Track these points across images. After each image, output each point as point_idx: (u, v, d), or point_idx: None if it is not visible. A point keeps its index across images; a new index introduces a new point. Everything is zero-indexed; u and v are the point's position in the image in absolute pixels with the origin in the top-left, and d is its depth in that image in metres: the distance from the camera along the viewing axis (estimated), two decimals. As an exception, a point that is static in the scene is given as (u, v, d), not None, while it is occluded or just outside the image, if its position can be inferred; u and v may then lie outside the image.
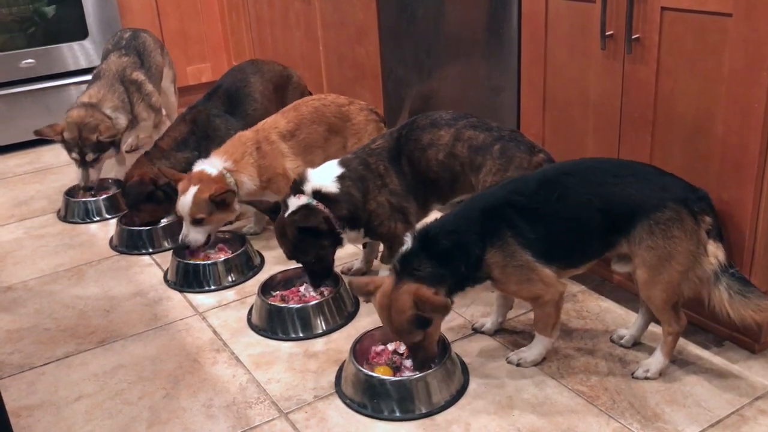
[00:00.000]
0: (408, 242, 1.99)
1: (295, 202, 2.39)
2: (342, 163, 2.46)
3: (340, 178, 2.41)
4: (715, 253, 1.93)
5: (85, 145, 3.40)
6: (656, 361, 2.10)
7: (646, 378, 2.10)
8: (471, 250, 1.97)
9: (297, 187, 2.43)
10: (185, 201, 2.74)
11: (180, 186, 2.79)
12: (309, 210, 2.37)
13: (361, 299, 2.61)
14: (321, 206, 2.37)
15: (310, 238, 2.37)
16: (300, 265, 2.52)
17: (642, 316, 2.23)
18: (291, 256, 2.44)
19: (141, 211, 3.14)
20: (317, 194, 2.39)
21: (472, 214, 2.02)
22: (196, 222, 2.77)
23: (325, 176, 2.42)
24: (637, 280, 2.04)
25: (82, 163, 3.46)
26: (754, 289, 1.91)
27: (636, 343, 2.25)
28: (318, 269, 2.47)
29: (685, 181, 2.01)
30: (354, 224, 2.45)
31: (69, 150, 3.46)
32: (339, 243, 2.45)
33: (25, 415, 2.14)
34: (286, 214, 2.38)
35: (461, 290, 2.03)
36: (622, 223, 1.97)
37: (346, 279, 2.57)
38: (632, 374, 2.12)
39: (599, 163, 2.11)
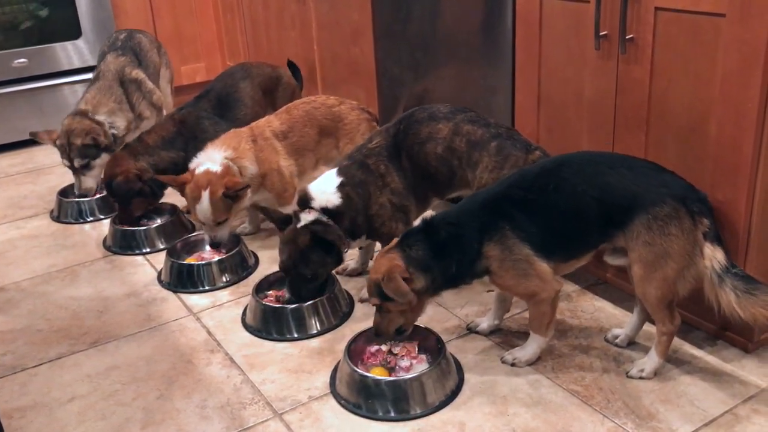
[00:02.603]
0: (416, 223, 2.08)
1: (306, 217, 2.38)
2: (341, 172, 2.43)
3: (340, 187, 2.39)
4: (714, 255, 1.92)
5: (71, 150, 3.40)
6: (651, 360, 2.11)
7: (641, 378, 2.10)
8: (468, 245, 2.00)
9: (305, 203, 2.41)
10: (204, 208, 2.69)
11: (188, 191, 2.73)
12: (326, 226, 2.35)
13: (356, 299, 2.61)
14: (332, 223, 2.37)
15: (320, 251, 2.36)
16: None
17: (637, 315, 2.23)
18: (289, 265, 2.39)
19: (131, 207, 3.14)
20: (326, 211, 2.37)
21: (473, 208, 2.05)
22: (220, 223, 2.76)
23: (327, 190, 2.39)
24: (632, 277, 2.04)
25: (74, 170, 3.47)
26: (760, 285, 1.88)
27: (631, 343, 2.25)
28: (307, 286, 2.43)
29: (686, 181, 2.01)
30: (356, 233, 2.44)
31: (62, 157, 3.47)
32: (340, 262, 2.46)
33: (18, 416, 2.13)
34: (299, 225, 2.36)
35: (453, 286, 2.06)
36: (619, 214, 1.98)
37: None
38: (627, 374, 2.12)
39: (596, 156, 2.13)
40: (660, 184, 1.96)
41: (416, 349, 2.20)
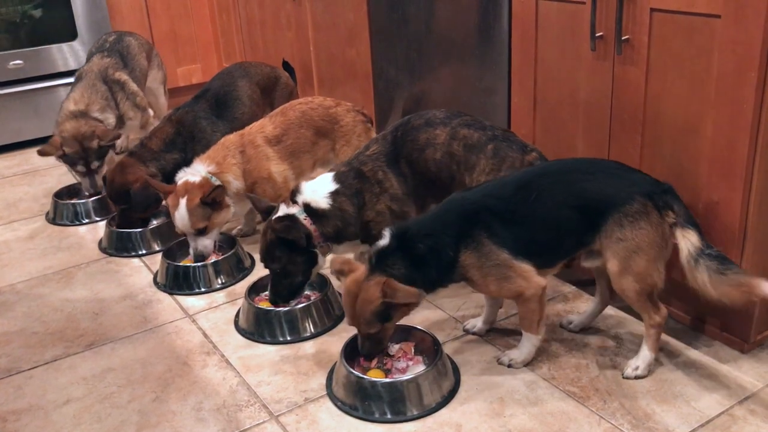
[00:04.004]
0: (386, 238, 2.02)
1: (284, 210, 2.38)
2: (337, 179, 2.41)
3: (334, 194, 2.38)
4: (687, 238, 1.95)
5: (89, 154, 3.40)
6: (643, 357, 2.12)
7: (636, 377, 2.10)
8: (444, 254, 2.00)
9: (292, 197, 2.42)
10: (182, 215, 2.70)
11: (170, 201, 2.75)
12: (293, 221, 2.35)
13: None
14: (308, 221, 2.35)
15: (285, 247, 2.34)
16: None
17: (595, 305, 2.32)
18: (262, 258, 2.40)
19: (141, 212, 3.13)
20: (307, 208, 2.37)
21: (449, 217, 2.04)
22: (200, 232, 2.75)
23: (318, 191, 2.39)
24: (609, 273, 2.06)
25: (88, 173, 3.46)
26: (732, 265, 1.91)
27: (584, 329, 2.33)
28: (283, 283, 2.40)
29: (651, 177, 2.06)
30: (342, 239, 2.42)
31: (73, 164, 3.45)
32: (314, 263, 2.41)
33: (13, 419, 2.12)
34: (273, 218, 2.38)
35: (432, 291, 2.07)
36: (594, 218, 2.02)
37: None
38: (623, 375, 2.12)
39: (570, 163, 2.16)
40: (629, 183, 2.01)
41: (413, 350, 2.20)
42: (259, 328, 2.44)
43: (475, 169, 2.33)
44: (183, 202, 2.70)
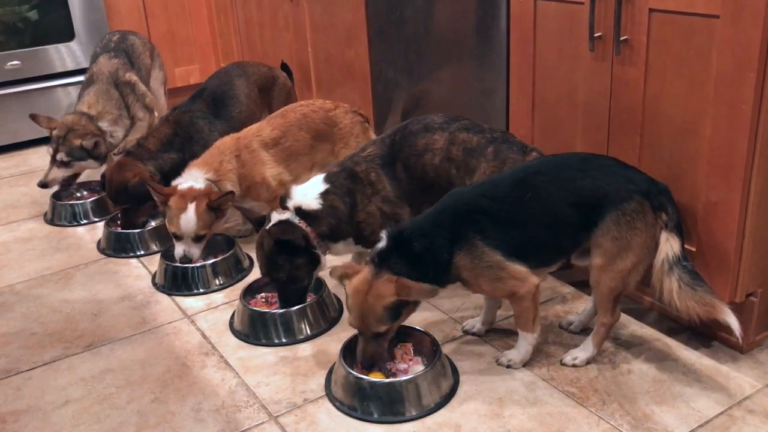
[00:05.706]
0: (384, 241, 2.03)
1: (276, 217, 2.38)
2: (327, 179, 2.42)
3: (324, 194, 2.37)
4: (670, 243, 1.98)
5: (64, 144, 3.36)
6: (586, 349, 2.19)
7: (574, 365, 2.17)
8: (440, 254, 2.00)
9: (282, 203, 2.42)
10: (189, 219, 2.68)
11: (173, 203, 2.72)
12: (288, 225, 2.34)
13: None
14: (303, 224, 2.35)
15: (285, 253, 2.33)
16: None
17: (593, 303, 2.29)
18: (265, 270, 2.40)
19: (141, 211, 3.12)
20: (299, 211, 2.37)
21: (444, 218, 2.04)
22: (199, 238, 2.74)
23: (308, 193, 2.38)
24: (590, 265, 2.07)
25: (52, 160, 3.40)
26: (703, 284, 1.96)
27: (584, 329, 2.32)
28: (290, 290, 2.41)
29: (647, 174, 2.06)
30: (338, 237, 2.42)
31: (50, 144, 3.41)
32: (316, 263, 2.41)
33: (12, 420, 2.12)
34: (266, 227, 2.37)
35: None
36: (592, 216, 2.02)
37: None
38: (560, 361, 2.20)
39: (565, 159, 2.14)
40: (626, 180, 2.02)
41: (412, 351, 2.20)
42: (254, 330, 2.44)
43: (475, 172, 2.32)
44: (192, 206, 2.68)
